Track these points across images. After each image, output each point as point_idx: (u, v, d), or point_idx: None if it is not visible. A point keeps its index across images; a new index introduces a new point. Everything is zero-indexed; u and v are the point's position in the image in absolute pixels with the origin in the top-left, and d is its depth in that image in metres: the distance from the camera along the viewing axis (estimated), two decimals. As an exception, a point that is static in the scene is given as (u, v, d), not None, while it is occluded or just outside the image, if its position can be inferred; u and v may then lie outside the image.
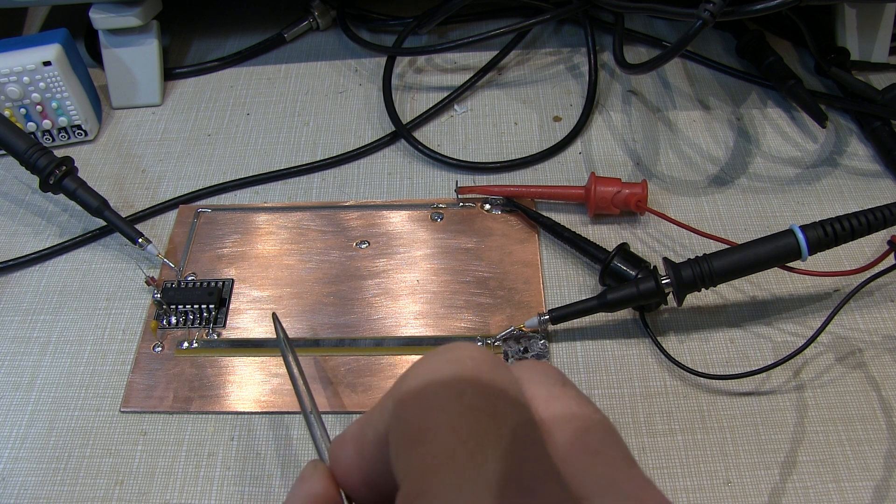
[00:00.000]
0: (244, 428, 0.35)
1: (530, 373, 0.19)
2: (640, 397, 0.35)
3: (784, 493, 0.32)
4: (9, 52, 0.45)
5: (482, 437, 0.16)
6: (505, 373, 0.18)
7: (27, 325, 0.40)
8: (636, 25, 0.54)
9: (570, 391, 0.19)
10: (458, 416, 0.16)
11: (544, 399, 0.19)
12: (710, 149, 0.46)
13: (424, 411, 0.17)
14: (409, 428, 0.17)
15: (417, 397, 0.17)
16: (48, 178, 0.41)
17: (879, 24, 0.48)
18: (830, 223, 0.34)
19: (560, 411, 0.18)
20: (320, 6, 0.56)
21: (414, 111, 0.49)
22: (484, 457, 0.16)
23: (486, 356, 0.18)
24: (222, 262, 0.41)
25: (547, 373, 0.20)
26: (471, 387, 0.17)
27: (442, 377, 0.17)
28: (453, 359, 0.18)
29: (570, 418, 0.18)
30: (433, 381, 0.17)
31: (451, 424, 0.16)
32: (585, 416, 0.19)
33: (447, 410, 0.17)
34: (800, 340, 0.35)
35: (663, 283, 0.35)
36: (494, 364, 0.18)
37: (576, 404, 0.19)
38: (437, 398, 0.17)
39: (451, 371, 0.17)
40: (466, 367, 0.18)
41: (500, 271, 0.40)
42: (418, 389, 0.17)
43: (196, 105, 0.51)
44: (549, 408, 0.18)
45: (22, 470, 0.35)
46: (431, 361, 0.18)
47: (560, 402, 0.19)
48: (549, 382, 0.19)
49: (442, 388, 0.17)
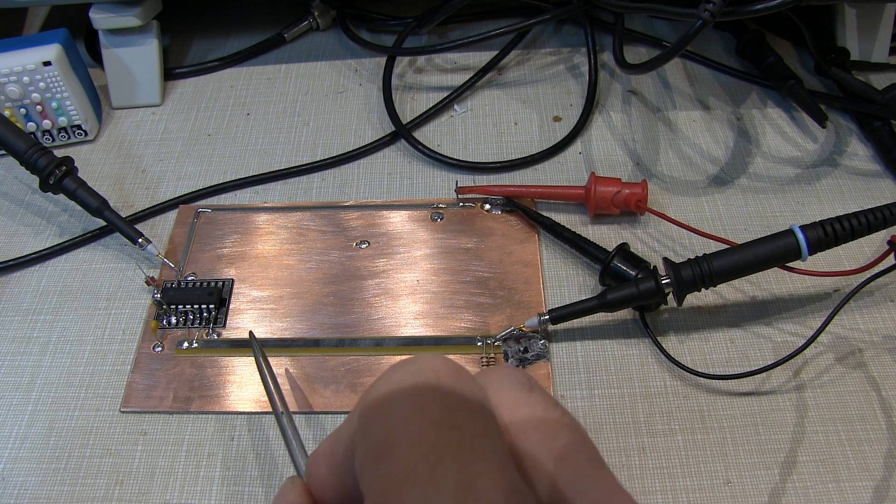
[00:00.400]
0: (244, 428, 0.35)
1: (496, 379, 0.19)
2: (640, 397, 0.35)
3: (784, 493, 0.32)
4: (9, 52, 0.45)
5: (443, 450, 0.16)
6: (468, 382, 0.18)
7: (27, 325, 0.40)
8: (636, 25, 0.54)
9: (536, 396, 0.19)
10: (419, 430, 0.16)
11: (510, 405, 0.19)
12: (710, 149, 0.46)
13: (386, 426, 0.17)
14: (372, 443, 0.17)
15: (380, 411, 0.17)
16: (48, 178, 0.41)
17: (879, 24, 0.48)
18: (830, 223, 0.34)
19: (526, 416, 0.18)
20: (320, 6, 0.56)
21: (414, 111, 0.49)
22: (445, 470, 0.16)
23: (449, 367, 0.18)
24: (222, 262, 0.41)
25: (513, 378, 0.20)
26: (432, 399, 0.17)
27: (404, 389, 0.17)
28: (415, 371, 0.18)
29: (536, 423, 0.18)
30: (395, 395, 0.17)
31: (412, 439, 0.16)
32: (552, 420, 0.19)
33: (408, 424, 0.17)
34: (800, 340, 0.35)
35: (663, 283, 0.35)
36: (458, 374, 0.18)
37: (542, 409, 0.19)
38: (398, 411, 0.17)
39: (413, 383, 0.18)
40: (428, 378, 0.18)
41: (500, 271, 0.40)
42: (381, 403, 0.17)
43: (196, 105, 0.51)
44: (515, 413, 0.18)
45: (22, 470, 0.35)
46: (394, 374, 0.18)
47: (526, 407, 0.19)
48: (515, 387, 0.19)
49: (403, 401, 0.17)
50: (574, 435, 0.19)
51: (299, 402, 0.36)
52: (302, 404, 0.36)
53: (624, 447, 0.34)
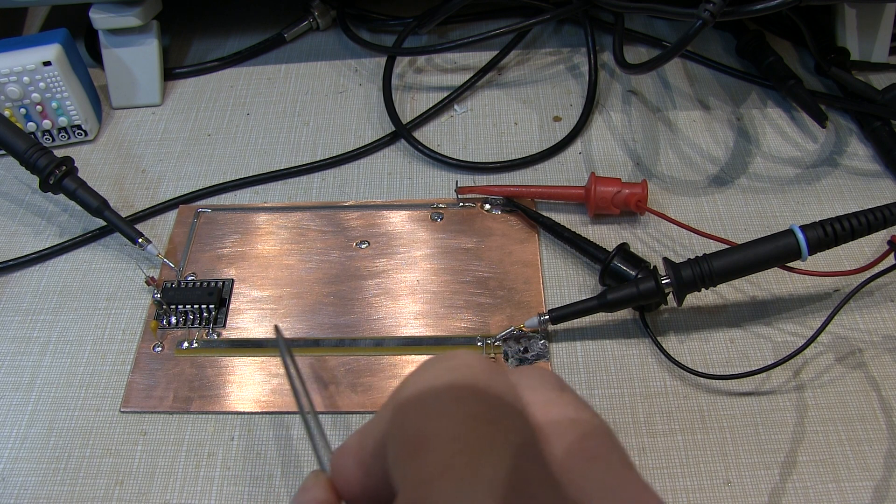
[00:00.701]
0: (244, 428, 0.35)
1: (528, 378, 0.19)
2: (640, 397, 0.35)
3: (784, 493, 0.32)
4: (9, 52, 0.45)
5: (480, 445, 0.16)
6: (503, 379, 0.18)
7: (27, 325, 0.40)
8: (636, 25, 0.54)
9: (567, 396, 0.19)
10: (457, 424, 0.16)
11: (542, 404, 0.19)
12: (710, 149, 0.46)
13: (423, 419, 0.17)
14: (408, 436, 0.17)
15: (416, 405, 0.17)
16: (48, 178, 0.41)
17: (879, 24, 0.48)
18: (830, 223, 0.34)
19: (558, 416, 0.18)
20: (320, 6, 0.56)
21: (414, 111, 0.49)
22: (482, 464, 0.16)
23: (484, 363, 0.18)
24: (222, 262, 0.41)
25: (544, 378, 0.20)
26: (469, 394, 0.17)
27: (440, 385, 0.17)
28: (451, 367, 0.18)
29: (567, 423, 0.18)
30: (431, 389, 0.17)
31: (450, 432, 0.16)
32: (583, 420, 0.19)
33: (445, 418, 0.17)
34: (800, 340, 0.35)
35: (663, 283, 0.35)
36: (492, 371, 0.18)
37: (573, 409, 0.19)
38: (435, 406, 0.17)
39: (450, 378, 0.17)
40: (465, 374, 0.18)
41: (500, 271, 0.40)
42: (416, 397, 0.17)
43: (196, 105, 0.51)
44: (547, 413, 0.18)
45: (22, 470, 0.35)
46: (429, 369, 0.18)
47: (557, 407, 0.19)
48: (547, 387, 0.19)
49: (440, 395, 0.17)
50: (604, 436, 0.19)
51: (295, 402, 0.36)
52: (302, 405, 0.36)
53: (624, 447, 0.34)
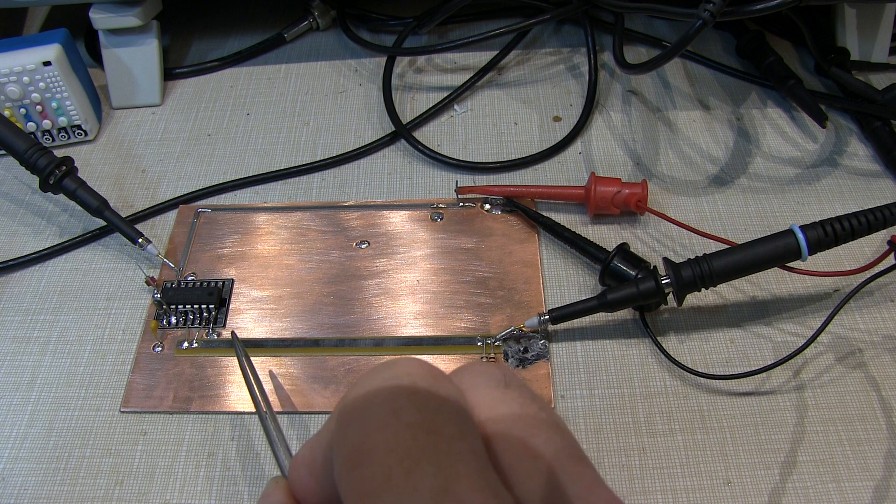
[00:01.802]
0: (244, 428, 0.35)
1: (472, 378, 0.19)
2: (640, 397, 0.35)
3: (784, 493, 0.32)
4: (9, 52, 0.45)
5: (419, 455, 0.16)
6: (444, 385, 0.18)
7: (27, 325, 0.40)
8: (636, 25, 0.54)
9: (512, 392, 0.19)
10: (394, 435, 0.16)
11: (487, 404, 0.19)
12: (710, 149, 0.46)
13: (362, 432, 0.17)
14: (348, 450, 0.17)
15: (355, 417, 0.17)
16: (48, 178, 0.41)
17: (879, 24, 0.48)
18: (830, 223, 0.34)
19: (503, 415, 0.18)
20: (320, 6, 0.56)
21: (414, 111, 0.49)
22: (422, 474, 0.16)
23: (424, 370, 0.18)
24: (222, 262, 0.41)
25: (489, 375, 0.19)
26: (407, 403, 0.17)
27: (379, 395, 0.17)
28: (391, 375, 0.18)
29: (513, 421, 0.18)
30: (370, 400, 0.17)
31: (388, 444, 0.16)
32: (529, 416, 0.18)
33: (384, 429, 0.17)
34: (800, 340, 0.35)
35: (663, 283, 0.35)
36: (433, 378, 0.18)
37: (518, 405, 0.19)
38: (373, 417, 0.17)
39: (389, 388, 0.17)
40: (404, 382, 0.18)
41: (500, 271, 0.40)
42: (356, 409, 0.17)
43: (196, 105, 0.51)
44: (492, 413, 0.18)
45: (22, 470, 0.35)
46: (370, 379, 0.18)
47: (503, 405, 0.19)
48: (491, 385, 0.19)
49: (379, 406, 0.17)
50: (552, 431, 0.18)
51: (299, 402, 0.36)
52: (302, 404, 0.36)
53: (624, 447, 0.34)
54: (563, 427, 0.19)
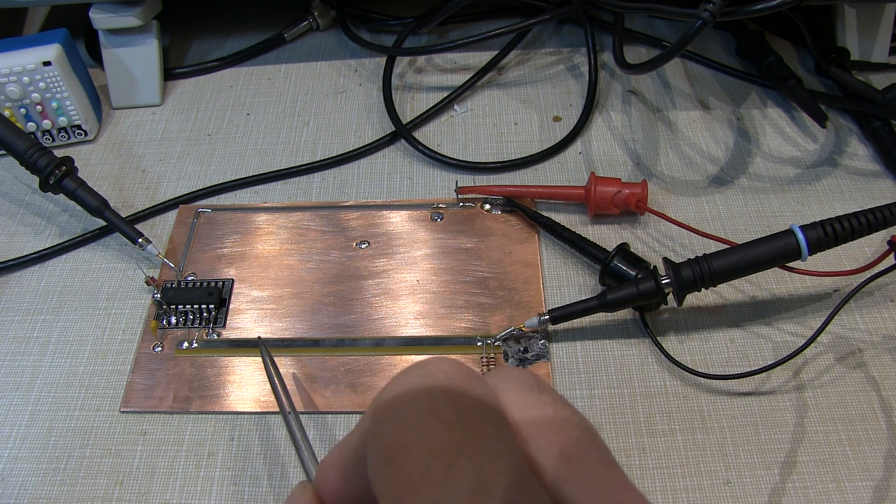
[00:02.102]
0: (244, 428, 0.35)
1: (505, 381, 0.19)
2: (640, 397, 0.35)
3: (784, 493, 0.32)
4: (9, 52, 0.45)
5: (457, 452, 0.16)
6: (479, 384, 0.18)
7: (27, 325, 0.40)
8: (636, 25, 0.54)
9: (545, 396, 0.19)
10: (432, 432, 0.16)
11: (520, 407, 0.19)
12: (710, 149, 0.46)
13: (398, 428, 0.17)
14: (384, 447, 0.17)
15: (391, 415, 0.17)
16: (48, 178, 0.41)
17: (879, 24, 0.48)
18: (830, 223, 0.34)
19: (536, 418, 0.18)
20: (320, 6, 0.56)
21: (414, 111, 0.49)
22: (459, 471, 0.16)
23: (460, 369, 0.18)
24: (222, 262, 0.41)
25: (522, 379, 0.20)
26: (444, 401, 0.17)
27: (415, 393, 0.17)
28: (426, 374, 0.18)
29: (546, 424, 0.18)
30: (406, 398, 0.17)
31: (425, 440, 0.16)
32: (562, 420, 0.19)
33: (421, 426, 0.17)
34: (800, 340, 0.35)
35: (663, 283, 0.35)
36: (468, 376, 0.18)
37: (552, 409, 0.19)
38: (410, 415, 0.17)
39: (424, 386, 0.17)
40: (439, 381, 0.18)
41: (500, 271, 0.40)
42: (392, 407, 0.17)
43: (196, 105, 0.51)
44: (526, 415, 0.18)
45: (22, 470, 0.35)
46: (405, 378, 0.18)
47: (536, 408, 0.19)
48: (525, 389, 0.19)
49: (415, 404, 0.17)
50: (585, 435, 0.18)
51: (299, 402, 0.36)
52: (302, 404, 0.36)
53: (624, 447, 0.34)
54: (594, 432, 0.19)
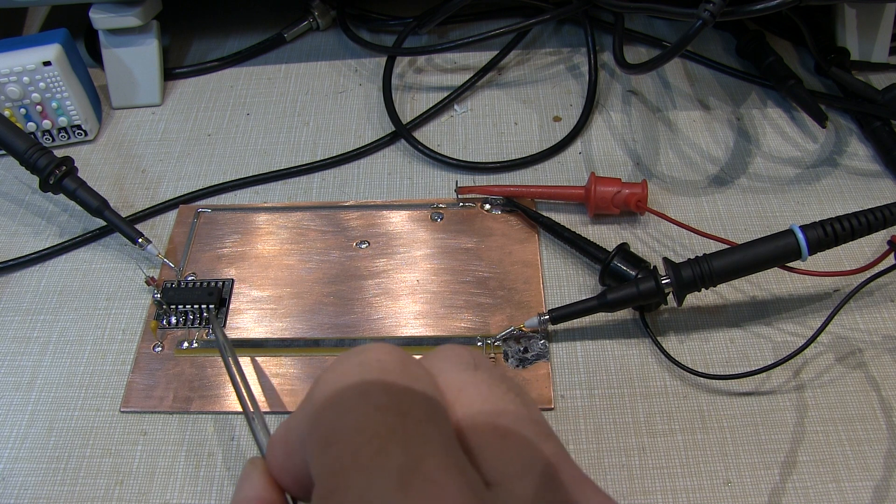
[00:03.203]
0: (244, 428, 0.35)
1: (441, 362, 0.20)
2: (640, 397, 0.35)
3: (784, 493, 0.32)
4: (9, 52, 0.45)
5: (388, 435, 0.17)
6: (413, 370, 0.19)
7: (27, 325, 0.40)
8: (636, 25, 0.54)
9: (481, 374, 0.20)
10: (364, 416, 0.17)
11: (456, 387, 0.19)
12: (710, 149, 0.46)
13: (333, 415, 0.17)
14: (320, 432, 0.18)
15: (326, 402, 0.18)
16: (48, 178, 0.41)
17: (879, 24, 0.48)
18: (830, 223, 0.34)
19: (472, 397, 0.19)
20: (320, 6, 0.56)
21: (414, 111, 0.49)
22: (389, 454, 0.16)
23: (394, 355, 0.19)
24: (222, 262, 0.41)
25: (458, 358, 0.20)
26: (377, 387, 0.18)
27: (350, 381, 0.18)
28: (361, 361, 0.18)
29: (482, 402, 0.19)
30: (341, 385, 0.18)
31: (357, 425, 0.17)
32: (497, 397, 0.19)
33: (353, 412, 0.17)
34: (800, 340, 0.35)
35: (663, 283, 0.35)
36: (402, 363, 0.19)
37: (487, 387, 0.19)
38: (343, 402, 0.18)
39: (359, 373, 0.18)
40: (373, 367, 0.18)
41: (500, 271, 0.40)
42: (327, 394, 0.18)
43: (196, 105, 0.51)
44: (461, 395, 0.19)
45: (22, 470, 0.35)
46: (340, 365, 0.19)
47: (472, 387, 0.19)
48: (460, 369, 0.20)
49: (349, 390, 0.18)
50: (519, 411, 0.19)
51: (299, 402, 0.36)
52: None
53: (624, 447, 0.34)
54: (530, 407, 0.19)
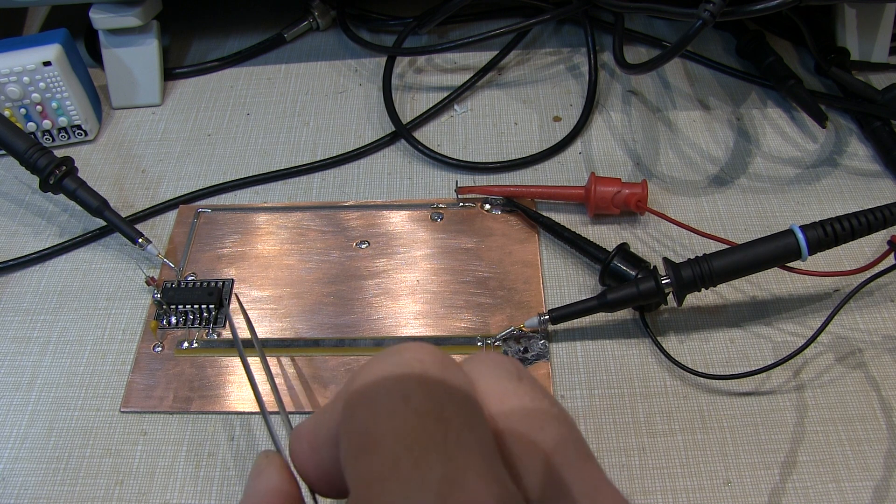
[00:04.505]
0: (244, 428, 0.35)
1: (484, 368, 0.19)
2: (640, 397, 0.35)
3: (784, 493, 0.32)
4: (9, 52, 0.45)
5: (428, 443, 0.16)
6: (455, 373, 0.18)
7: (27, 325, 0.40)
8: (636, 25, 0.54)
9: (524, 386, 0.19)
10: (404, 422, 0.16)
11: (498, 396, 0.18)
12: (710, 149, 0.46)
13: (371, 417, 0.17)
14: (356, 435, 0.17)
15: (365, 402, 0.17)
16: (48, 178, 0.41)
17: (879, 24, 0.48)
18: (830, 223, 0.34)
19: (514, 408, 0.18)
20: (320, 6, 0.56)
21: (414, 111, 0.49)
22: (428, 465, 0.15)
23: (435, 356, 0.18)
24: (222, 262, 0.41)
25: (501, 367, 0.19)
26: (417, 390, 0.17)
27: (389, 381, 0.17)
28: (401, 361, 0.18)
29: (524, 415, 0.18)
30: (380, 385, 0.17)
31: (397, 431, 0.16)
32: (540, 411, 0.18)
33: (393, 416, 0.16)
34: (800, 340, 0.35)
35: (663, 283, 0.35)
36: (444, 365, 0.18)
37: (530, 399, 0.18)
38: (383, 403, 0.17)
39: (399, 374, 0.17)
40: (414, 368, 0.17)
41: (500, 271, 0.40)
42: (366, 393, 0.17)
43: (196, 105, 0.51)
44: (503, 404, 0.18)
45: (22, 470, 0.35)
46: (379, 363, 0.18)
47: (514, 397, 0.18)
48: (503, 377, 0.19)
49: (388, 392, 0.17)
50: (562, 427, 0.18)
51: (299, 401, 0.36)
52: (302, 404, 0.36)
53: (624, 447, 0.34)
54: (572, 423, 0.19)
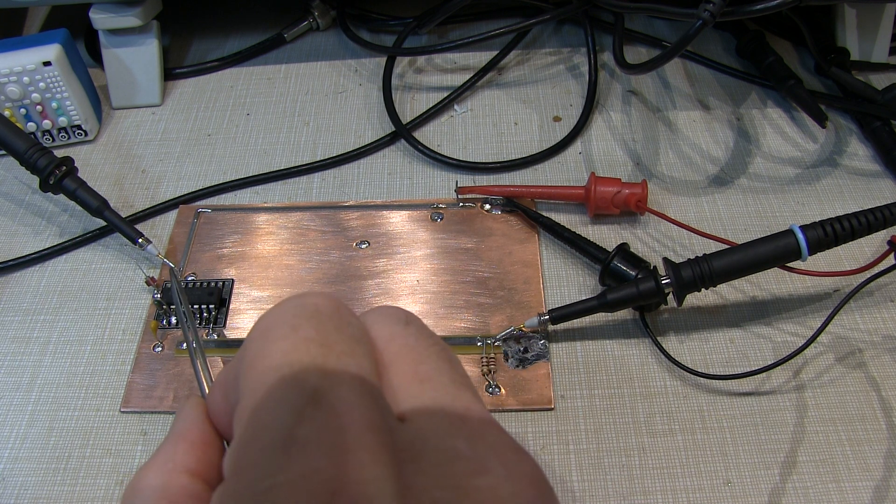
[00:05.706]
0: (244, 428, 0.35)
1: (376, 315, 0.21)
2: (640, 397, 0.35)
3: (784, 493, 0.32)
4: (9, 52, 0.45)
5: (307, 362, 0.18)
6: (347, 315, 0.20)
7: (27, 325, 0.40)
8: (636, 25, 0.54)
9: (411, 328, 0.21)
10: (291, 346, 0.18)
11: (386, 338, 0.20)
12: (710, 149, 0.46)
13: (262, 344, 0.18)
14: (248, 359, 0.18)
15: (259, 333, 0.19)
16: (48, 178, 0.41)
17: (879, 24, 0.48)
18: (830, 223, 0.34)
19: (399, 347, 0.20)
20: (320, 6, 0.56)
21: (414, 111, 0.49)
22: (307, 375, 0.17)
23: (331, 301, 0.20)
24: (222, 262, 0.41)
25: (391, 313, 0.21)
26: (307, 322, 0.19)
27: (285, 315, 0.19)
28: (297, 304, 0.19)
29: (407, 351, 0.20)
30: (275, 321, 0.19)
31: (282, 351, 0.18)
32: (422, 347, 0.20)
33: (281, 341, 0.18)
34: (800, 340, 0.35)
35: (663, 283, 0.35)
36: (337, 307, 0.20)
37: (413, 339, 0.20)
38: (274, 331, 0.19)
39: (293, 312, 0.19)
40: (308, 307, 0.19)
41: (500, 271, 0.40)
42: (261, 327, 0.19)
43: (196, 105, 0.51)
44: (390, 345, 0.20)
45: (22, 470, 0.34)
46: (278, 306, 0.20)
47: (401, 338, 0.20)
48: (392, 322, 0.21)
49: (281, 325, 0.19)
50: (440, 359, 0.20)
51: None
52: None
53: (624, 447, 0.34)
54: (451, 358, 0.20)
